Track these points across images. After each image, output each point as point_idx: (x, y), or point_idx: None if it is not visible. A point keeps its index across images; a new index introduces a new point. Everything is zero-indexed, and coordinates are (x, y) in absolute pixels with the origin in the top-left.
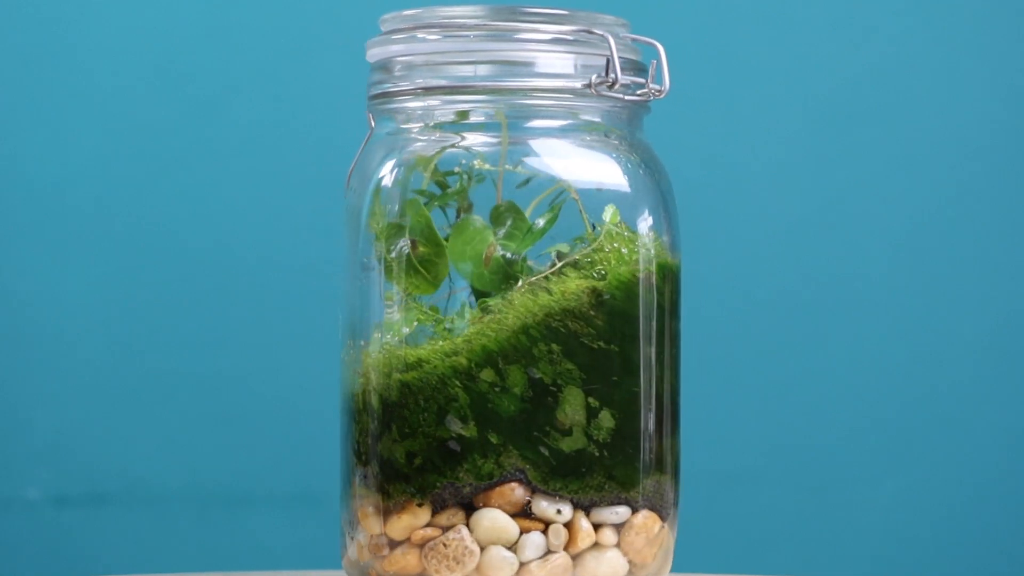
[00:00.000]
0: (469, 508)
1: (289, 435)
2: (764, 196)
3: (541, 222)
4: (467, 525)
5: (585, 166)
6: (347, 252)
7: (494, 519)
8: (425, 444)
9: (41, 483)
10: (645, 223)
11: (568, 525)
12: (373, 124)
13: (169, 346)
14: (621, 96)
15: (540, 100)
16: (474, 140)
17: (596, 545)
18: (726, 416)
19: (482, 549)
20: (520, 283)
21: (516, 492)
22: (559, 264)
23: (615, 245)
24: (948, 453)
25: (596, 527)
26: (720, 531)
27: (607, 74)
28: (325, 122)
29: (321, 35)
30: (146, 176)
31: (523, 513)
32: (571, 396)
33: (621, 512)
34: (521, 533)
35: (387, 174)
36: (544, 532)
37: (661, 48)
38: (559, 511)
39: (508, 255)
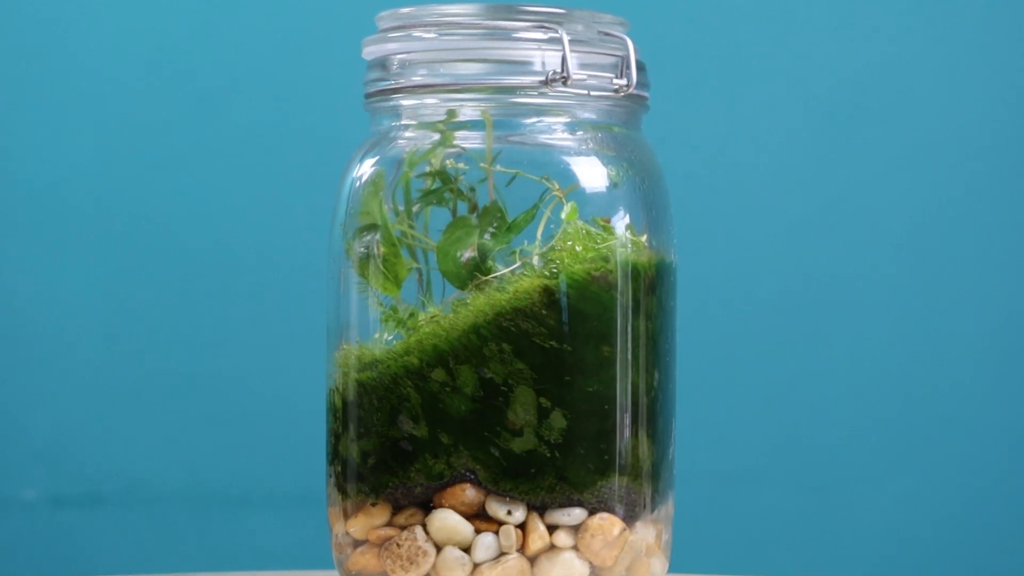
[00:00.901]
0: (429, 508)
1: (287, 436)
2: (765, 195)
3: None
4: (424, 525)
5: (567, 164)
6: (326, 251)
7: (445, 519)
8: (378, 444)
9: (39, 483)
10: (622, 222)
11: (523, 526)
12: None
13: (167, 346)
14: (587, 92)
15: (536, 99)
16: (466, 138)
17: (552, 547)
18: (726, 416)
19: (439, 549)
20: (472, 283)
21: (467, 493)
22: (518, 263)
23: (569, 243)
24: (950, 453)
25: (552, 529)
26: (721, 531)
27: (562, 70)
28: (324, 120)
29: (320, 33)
30: (144, 175)
31: (478, 514)
32: (522, 396)
33: (575, 514)
34: (478, 534)
35: (364, 172)
36: (497, 533)
37: (630, 44)
38: (509, 512)
39: (471, 255)
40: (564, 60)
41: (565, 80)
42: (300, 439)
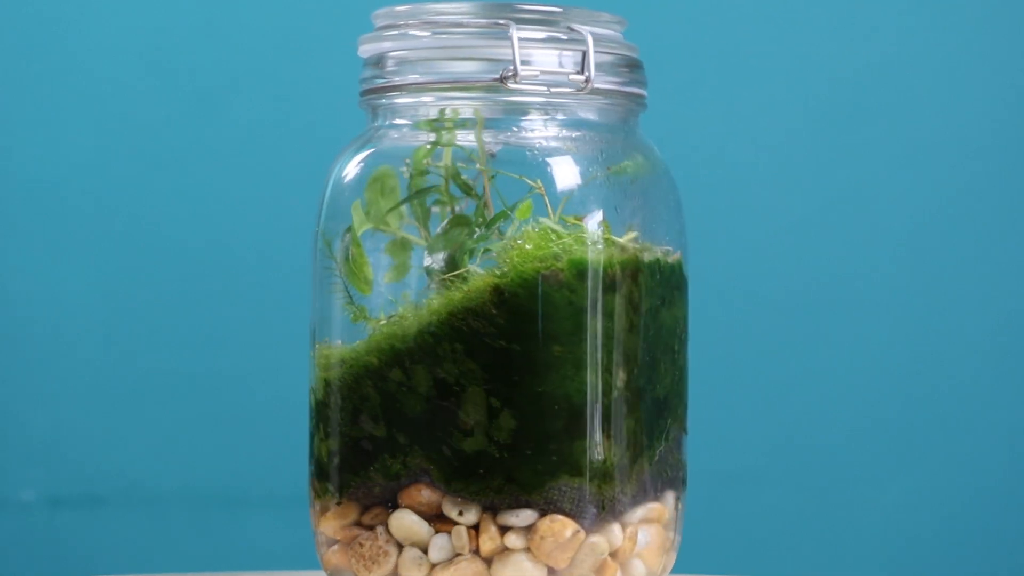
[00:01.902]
0: (393, 508)
1: (286, 436)
2: (765, 195)
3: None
4: (386, 525)
5: (553, 163)
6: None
7: (402, 519)
8: (342, 443)
9: (36, 484)
10: (594, 220)
11: (478, 527)
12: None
13: (165, 346)
14: (547, 88)
15: (531, 98)
16: (461, 137)
17: (505, 549)
18: (728, 416)
19: (401, 549)
20: (428, 283)
21: (423, 493)
22: (477, 262)
23: (519, 242)
24: (952, 454)
25: (506, 530)
26: (722, 532)
27: (513, 68)
28: (324, 119)
29: (318, 32)
30: (142, 175)
31: (438, 515)
32: (473, 396)
33: (523, 515)
34: (435, 534)
35: (350, 170)
36: (451, 534)
37: (590, 40)
38: (461, 513)
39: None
40: (514, 57)
41: (514, 77)
42: (298, 439)
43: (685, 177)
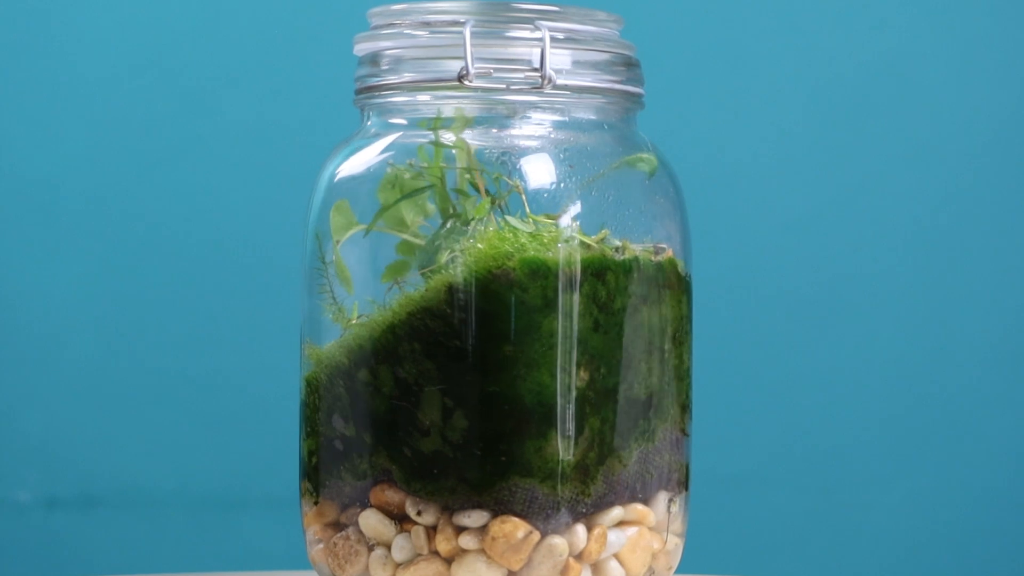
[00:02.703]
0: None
1: (283, 437)
2: (767, 193)
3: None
4: (357, 524)
5: (524, 162)
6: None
7: (368, 519)
8: (319, 443)
9: (32, 485)
10: (564, 219)
11: (435, 527)
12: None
13: (161, 347)
14: (505, 86)
15: (528, 96)
16: (454, 136)
17: (462, 550)
18: (733, 418)
19: (372, 548)
20: (392, 282)
21: (387, 493)
22: (445, 260)
23: (471, 241)
24: (958, 455)
25: (462, 530)
26: (728, 533)
27: (465, 67)
28: (322, 118)
29: (311, 29)
30: (137, 173)
31: (402, 515)
32: (429, 396)
33: (474, 516)
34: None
35: (340, 170)
36: (410, 534)
37: (547, 37)
38: (419, 513)
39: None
40: (466, 56)
41: (466, 77)
42: (293, 440)
43: (684, 176)
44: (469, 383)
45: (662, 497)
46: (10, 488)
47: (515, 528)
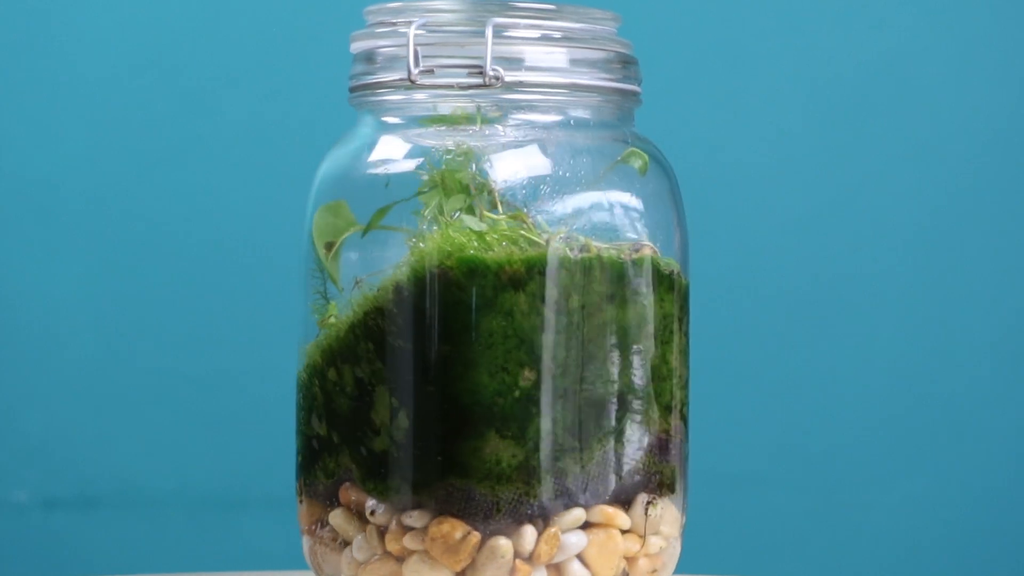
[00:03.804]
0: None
1: (282, 437)
2: (767, 192)
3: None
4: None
5: (494, 160)
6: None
7: (334, 518)
8: (301, 441)
9: (30, 485)
10: (534, 218)
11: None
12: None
13: (161, 347)
14: (453, 84)
15: (526, 96)
16: (452, 134)
17: (409, 550)
18: (732, 418)
19: (345, 547)
20: (357, 281)
21: (350, 492)
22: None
23: (413, 240)
24: (959, 456)
25: (409, 530)
26: (728, 534)
27: (407, 68)
28: (321, 117)
29: (307, 27)
30: (136, 173)
31: (361, 514)
32: (380, 396)
33: (416, 516)
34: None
35: (337, 168)
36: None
37: (489, 34)
38: (372, 512)
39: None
40: (409, 56)
41: (409, 77)
42: (293, 440)
43: (682, 175)
44: (411, 383)
45: (641, 499)
46: (9, 488)
47: (453, 529)
